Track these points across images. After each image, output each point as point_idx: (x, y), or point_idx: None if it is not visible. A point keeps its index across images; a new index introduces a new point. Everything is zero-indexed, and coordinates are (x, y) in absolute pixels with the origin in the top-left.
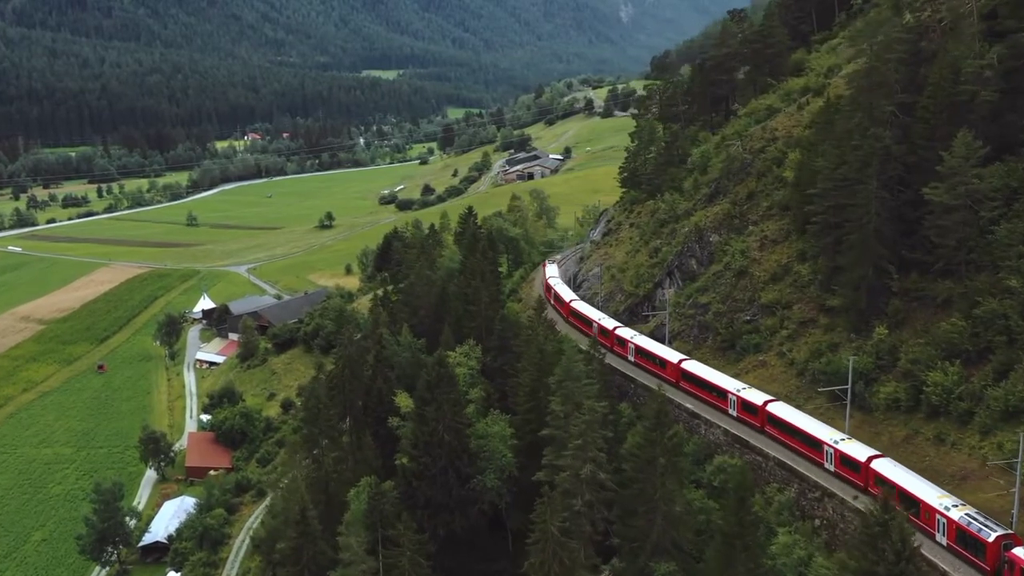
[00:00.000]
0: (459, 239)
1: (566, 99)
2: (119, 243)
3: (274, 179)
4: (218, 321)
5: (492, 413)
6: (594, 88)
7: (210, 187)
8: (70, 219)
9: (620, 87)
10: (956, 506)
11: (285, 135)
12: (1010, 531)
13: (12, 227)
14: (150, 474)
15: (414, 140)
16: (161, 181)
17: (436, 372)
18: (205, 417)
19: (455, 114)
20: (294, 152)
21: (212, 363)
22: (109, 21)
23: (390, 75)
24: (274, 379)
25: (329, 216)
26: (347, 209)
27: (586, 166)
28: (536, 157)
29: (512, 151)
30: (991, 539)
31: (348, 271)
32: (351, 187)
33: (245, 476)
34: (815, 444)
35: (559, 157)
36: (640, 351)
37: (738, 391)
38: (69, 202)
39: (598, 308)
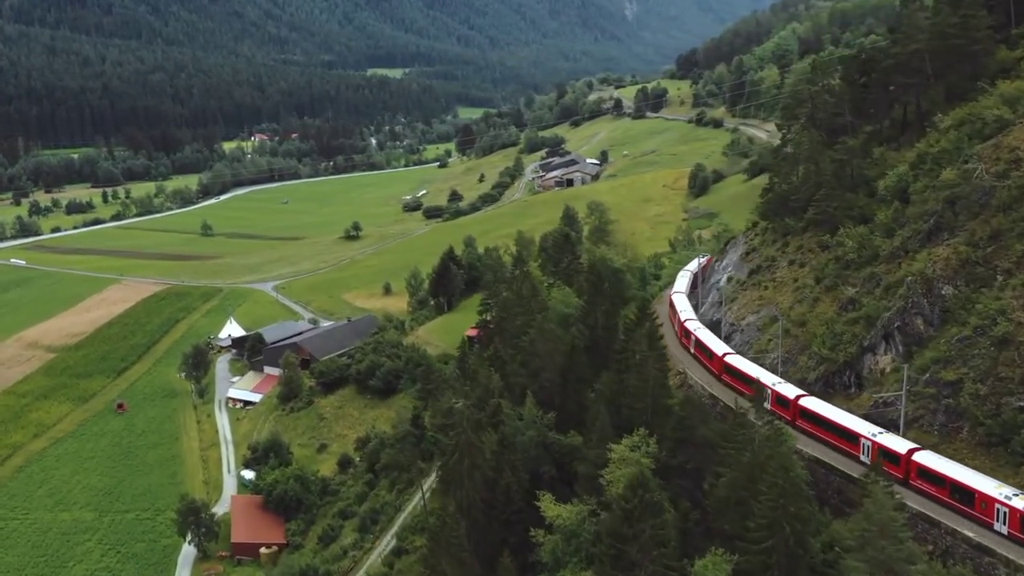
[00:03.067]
0: (549, 266)
1: (591, 99)
2: (131, 255)
3: (288, 183)
4: (251, 352)
5: (713, 552)
6: (616, 88)
7: (221, 192)
8: (76, 228)
9: (650, 87)
10: (1017, 495)
11: (294, 136)
12: None
13: (15, 236)
14: (188, 549)
15: (427, 141)
16: (169, 185)
17: (637, 495)
18: (247, 474)
19: (466, 114)
20: (305, 154)
21: (247, 402)
22: (109, 18)
23: (396, 74)
24: (323, 426)
25: (356, 226)
26: (369, 216)
27: (629, 172)
28: (574, 162)
29: (545, 155)
30: None
31: (387, 291)
32: (370, 192)
33: (310, 565)
34: None
35: (596, 162)
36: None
37: None
38: (73, 208)
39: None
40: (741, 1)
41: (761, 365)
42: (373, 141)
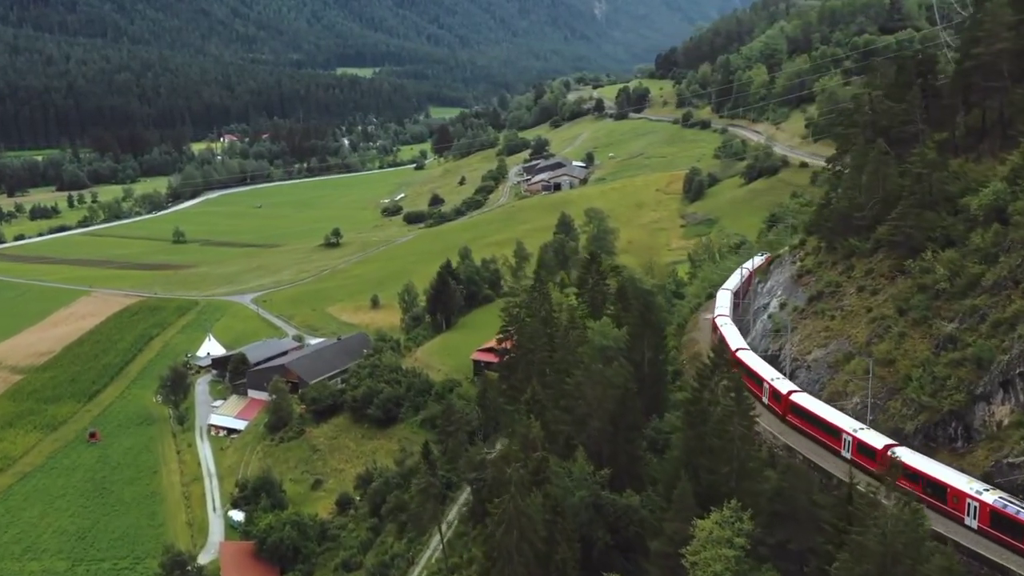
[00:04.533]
0: (581, 290)
1: (571, 99)
2: (99, 264)
3: (261, 186)
4: (234, 373)
5: None
6: (595, 87)
7: (192, 196)
8: (41, 235)
9: (631, 86)
10: (987, 490)
11: (265, 137)
12: None
13: None
14: None
15: (401, 141)
16: (137, 188)
17: None
18: (236, 514)
19: (438, 113)
20: (277, 156)
21: (231, 430)
22: (73, 16)
23: (366, 73)
24: (317, 459)
25: (336, 233)
26: (347, 221)
27: (618, 175)
28: (560, 165)
29: (529, 158)
30: None
31: (375, 304)
32: (346, 195)
33: None
34: None
35: (582, 164)
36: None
37: None
38: (38, 213)
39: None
40: (710, 1)
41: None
42: (346, 142)
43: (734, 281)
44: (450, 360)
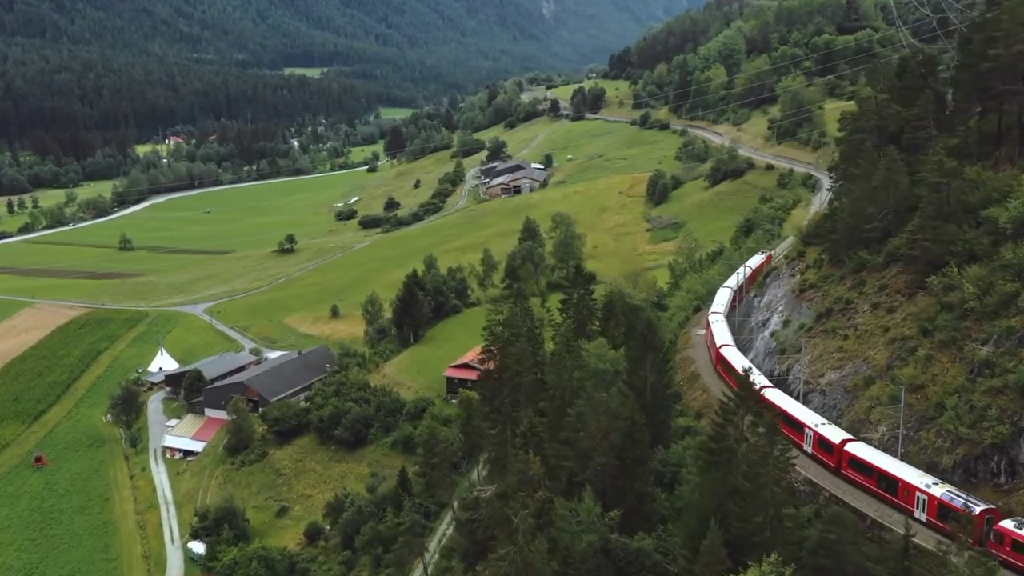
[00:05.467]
0: (565, 305)
1: (526, 100)
2: (43, 274)
3: (209, 190)
4: (189, 391)
5: None
6: (548, 87)
7: (138, 201)
8: None
9: (587, 87)
10: (936, 483)
11: (212, 138)
12: (992, 506)
13: None
14: None
15: (352, 143)
16: (80, 193)
17: None
18: (196, 546)
19: (389, 114)
20: (225, 158)
21: (187, 452)
22: (11, 16)
23: (314, 73)
24: (281, 484)
25: (290, 239)
26: (300, 226)
27: (579, 178)
28: (519, 167)
29: (486, 160)
30: (977, 512)
31: (335, 314)
32: (297, 198)
33: None
34: None
35: (540, 167)
36: None
37: None
38: None
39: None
40: (657, 1)
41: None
42: (295, 144)
43: (724, 301)
44: (420, 376)
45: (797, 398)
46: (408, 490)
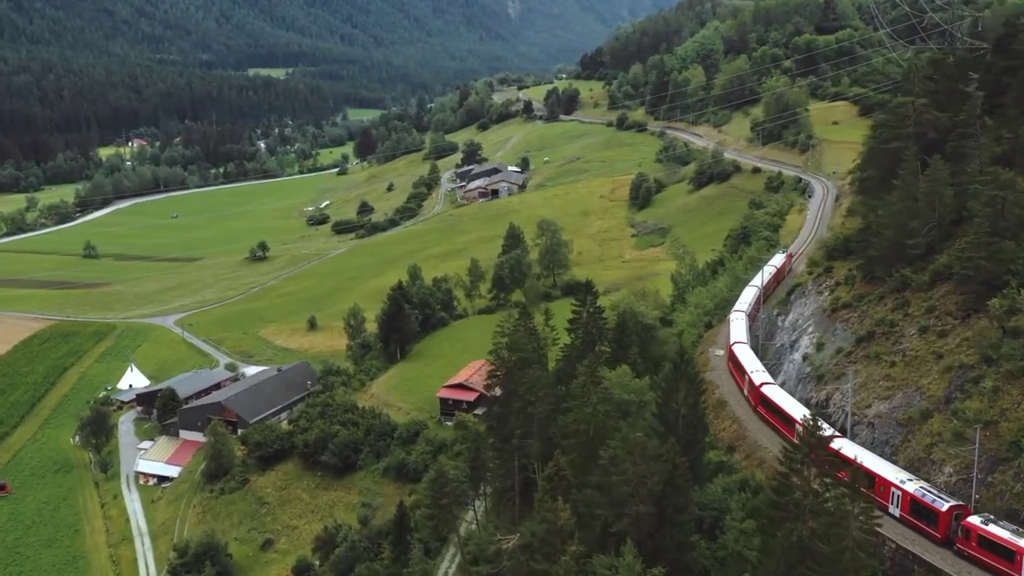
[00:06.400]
0: (575, 327)
1: (498, 101)
2: (3, 284)
3: (175, 194)
4: (162, 411)
5: None
6: (519, 88)
7: (102, 206)
8: None
9: (561, 87)
10: (911, 480)
11: (177, 141)
12: (961, 503)
13: None
14: None
15: (320, 145)
16: (41, 198)
17: None
18: None
19: (356, 115)
20: (191, 161)
21: (163, 478)
22: None
23: (279, 74)
24: (265, 514)
25: (263, 246)
26: (270, 231)
27: (558, 181)
28: (496, 170)
29: (461, 162)
30: (944, 508)
31: (312, 326)
32: (266, 202)
33: None
34: None
35: (517, 169)
36: None
37: None
38: None
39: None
40: (621, 1)
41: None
42: (262, 145)
43: (741, 328)
44: (411, 396)
45: (843, 432)
46: (407, 526)
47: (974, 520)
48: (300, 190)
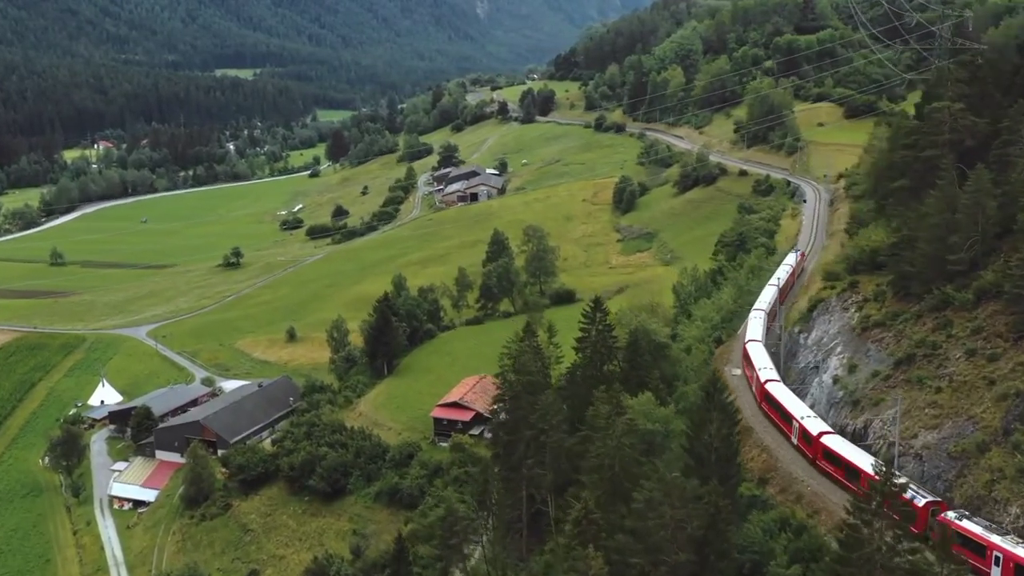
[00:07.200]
0: (583, 347)
1: (473, 102)
2: None
3: (144, 198)
4: (137, 430)
5: None
6: (493, 89)
7: (68, 210)
8: None
9: (536, 88)
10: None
11: (144, 143)
12: (939, 499)
13: None
14: None
15: (290, 147)
16: (5, 202)
17: None
18: None
19: (326, 116)
20: (159, 164)
21: (139, 502)
22: None
23: (246, 74)
24: (250, 542)
25: (236, 252)
26: (243, 236)
27: (538, 184)
28: (475, 173)
29: (438, 165)
30: (922, 504)
31: (291, 337)
32: (238, 206)
33: None
34: None
35: (495, 172)
36: None
37: None
38: None
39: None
40: (589, 1)
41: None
42: (232, 148)
43: (758, 321)
44: (402, 415)
45: (893, 464)
46: (406, 559)
47: (949, 515)
48: (272, 193)
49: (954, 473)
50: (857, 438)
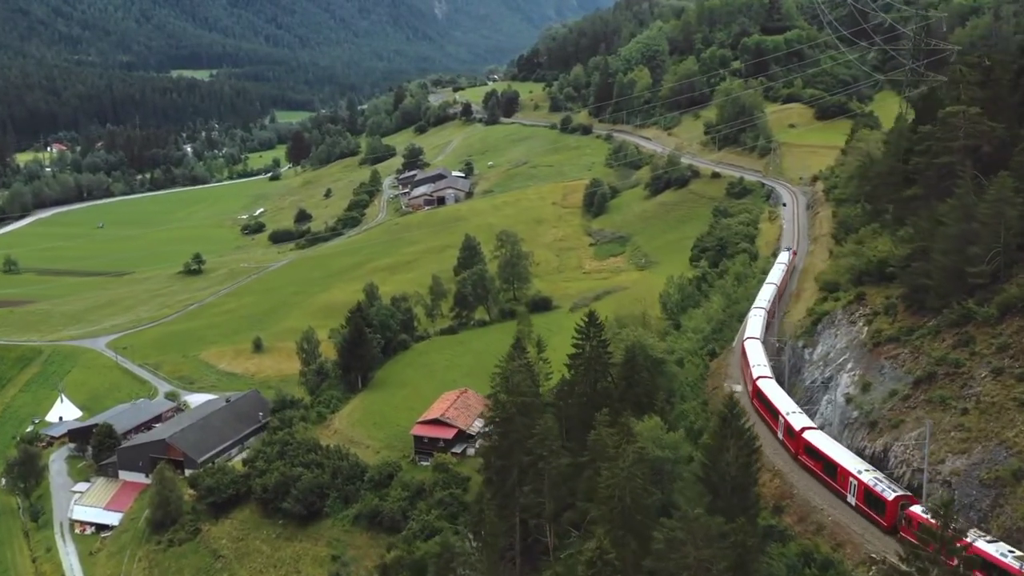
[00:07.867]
0: (577, 363)
1: (436, 103)
2: None
3: (100, 202)
4: (99, 449)
5: None
6: (455, 90)
7: (21, 216)
8: None
9: (500, 89)
10: (868, 470)
11: (99, 146)
12: (908, 492)
13: None
14: None
15: (249, 149)
16: None
17: None
18: None
19: (285, 118)
20: (115, 167)
21: (102, 526)
22: None
23: (202, 75)
24: (221, 569)
25: (198, 259)
26: (204, 241)
27: (506, 187)
28: (441, 176)
29: (403, 167)
30: (891, 498)
31: (257, 347)
32: (197, 211)
33: None
34: None
35: (462, 175)
36: None
37: None
38: None
39: None
40: (548, 2)
41: None
42: (189, 150)
43: (756, 326)
44: (379, 432)
45: (911, 490)
46: None
47: (916, 509)
48: (232, 197)
49: (988, 503)
50: (877, 463)
